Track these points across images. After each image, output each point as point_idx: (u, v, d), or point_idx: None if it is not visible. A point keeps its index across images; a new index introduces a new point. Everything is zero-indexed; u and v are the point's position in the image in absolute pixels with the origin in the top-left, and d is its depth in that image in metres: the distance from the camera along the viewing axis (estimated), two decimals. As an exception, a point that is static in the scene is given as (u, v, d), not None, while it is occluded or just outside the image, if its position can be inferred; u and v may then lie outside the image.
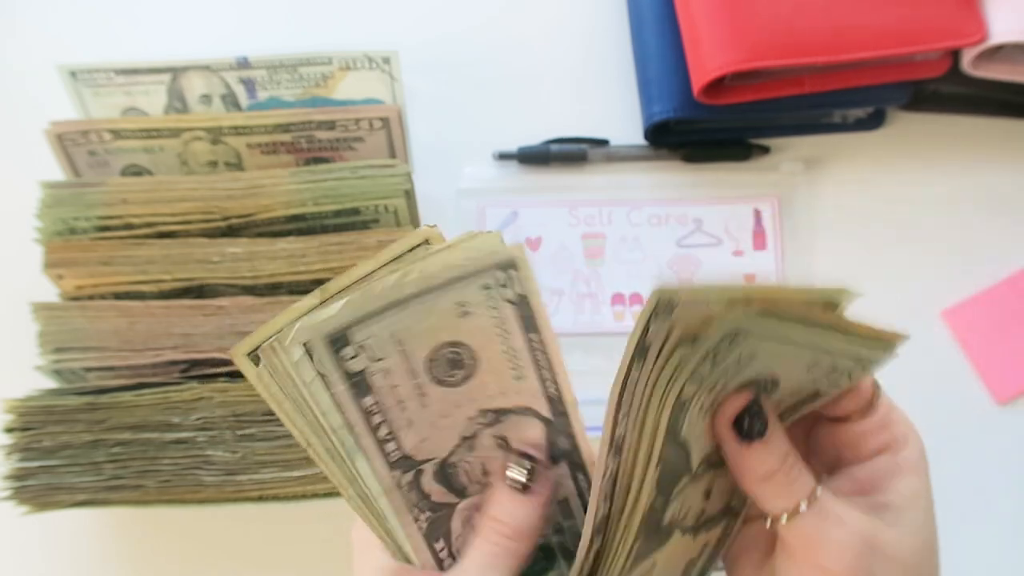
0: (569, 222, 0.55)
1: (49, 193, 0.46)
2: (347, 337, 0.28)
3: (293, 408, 0.29)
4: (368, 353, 0.29)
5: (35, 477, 0.43)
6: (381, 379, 0.29)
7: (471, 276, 0.29)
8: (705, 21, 0.51)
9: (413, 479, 0.31)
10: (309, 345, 0.28)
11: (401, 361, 0.29)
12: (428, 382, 0.30)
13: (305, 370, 0.28)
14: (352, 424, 0.29)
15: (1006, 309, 0.53)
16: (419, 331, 0.29)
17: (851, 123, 0.56)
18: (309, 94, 0.51)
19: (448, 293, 0.29)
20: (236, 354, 0.28)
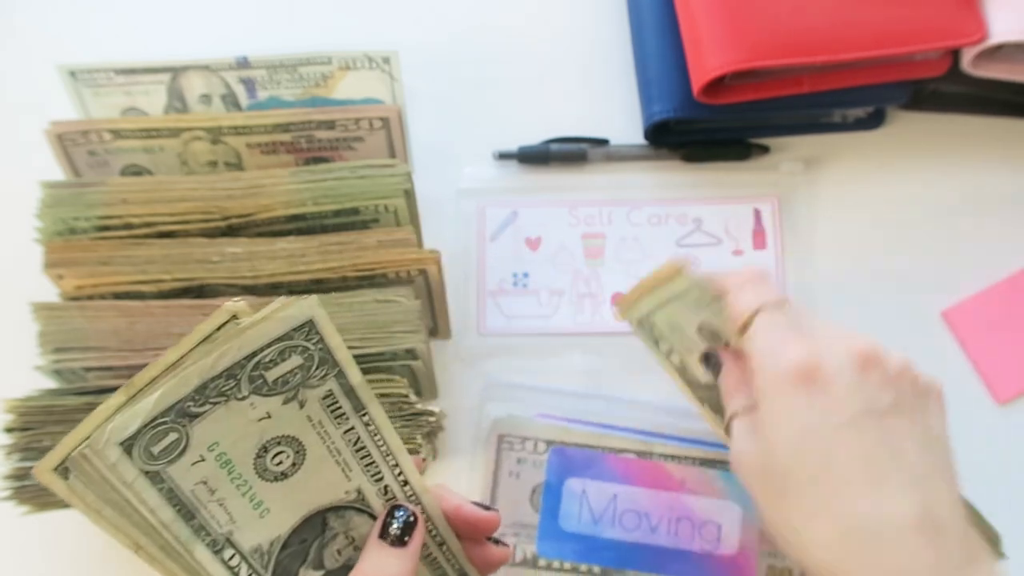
0: (569, 222, 0.55)
1: (49, 193, 0.46)
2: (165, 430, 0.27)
3: (115, 513, 0.28)
4: (189, 449, 0.28)
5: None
6: (200, 472, 0.29)
7: (277, 343, 0.28)
8: (705, 21, 0.51)
9: (262, 558, 0.31)
10: (127, 444, 0.27)
11: (218, 462, 0.29)
12: (254, 476, 0.30)
13: (126, 470, 0.27)
14: (186, 513, 0.29)
15: (1006, 309, 0.53)
16: (240, 427, 0.29)
17: (851, 123, 0.56)
18: (309, 94, 0.51)
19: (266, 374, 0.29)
20: (41, 471, 0.27)
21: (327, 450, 0.31)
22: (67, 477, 0.28)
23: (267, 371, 0.29)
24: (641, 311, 0.44)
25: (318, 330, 0.29)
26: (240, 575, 0.30)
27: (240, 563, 0.30)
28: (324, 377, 0.30)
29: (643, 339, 0.46)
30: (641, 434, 0.50)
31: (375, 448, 0.32)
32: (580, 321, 0.53)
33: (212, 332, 0.29)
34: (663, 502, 0.49)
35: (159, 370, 0.28)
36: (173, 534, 0.29)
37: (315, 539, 0.32)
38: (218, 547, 0.30)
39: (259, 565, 0.31)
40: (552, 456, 0.49)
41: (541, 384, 0.52)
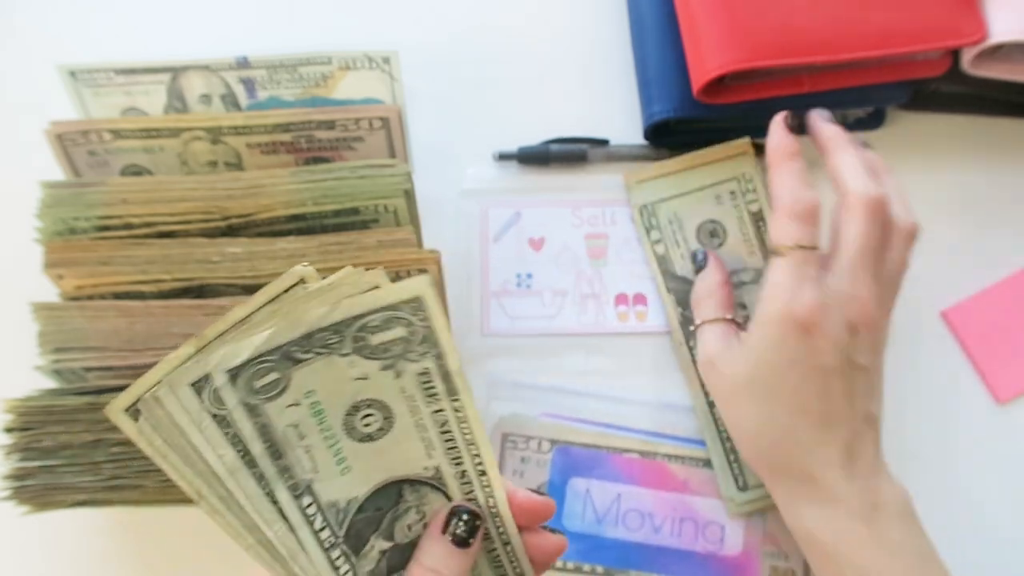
0: (572, 222, 0.55)
1: (49, 193, 0.46)
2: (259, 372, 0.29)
3: (180, 460, 0.29)
4: (281, 394, 0.29)
5: (35, 477, 0.43)
6: (293, 415, 0.29)
7: (384, 310, 0.30)
8: (705, 21, 0.51)
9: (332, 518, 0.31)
10: (234, 372, 0.28)
11: (312, 409, 0.30)
12: (342, 432, 0.31)
13: (228, 397, 0.28)
14: (274, 451, 0.29)
15: (1006, 309, 0.53)
16: (336, 381, 0.30)
17: (851, 123, 0.56)
18: (309, 94, 0.51)
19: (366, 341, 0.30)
20: (112, 411, 0.28)
21: (414, 424, 0.32)
22: (136, 419, 0.28)
23: (371, 335, 0.30)
24: (649, 197, 0.50)
25: (424, 308, 0.30)
26: (315, 524, 0.31)
27: (316, 513, 0.31)
28: (424, 355, 0.31)
29: (636, 222, 0.54)
30: (645, 434, 0.50)
31: (460, 435, 0.32)
32: (584, 321, 0.53)
33: (280, 293, 0.30)
34: (667, 502, 0.49)
35: (228, 325, 0.29)
36: (237, 481, 0.29)
37: (389, 509, 0.33)
38: (299, 492, 0.30)
39: (334, 521, 0.31)
40: (556, 455, 0.49)
41: (545, 383, 0.52)
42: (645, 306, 0.54)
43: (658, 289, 0.53)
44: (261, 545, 0.31)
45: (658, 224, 0.54)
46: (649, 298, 0.54)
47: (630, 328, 0.53)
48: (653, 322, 0.53)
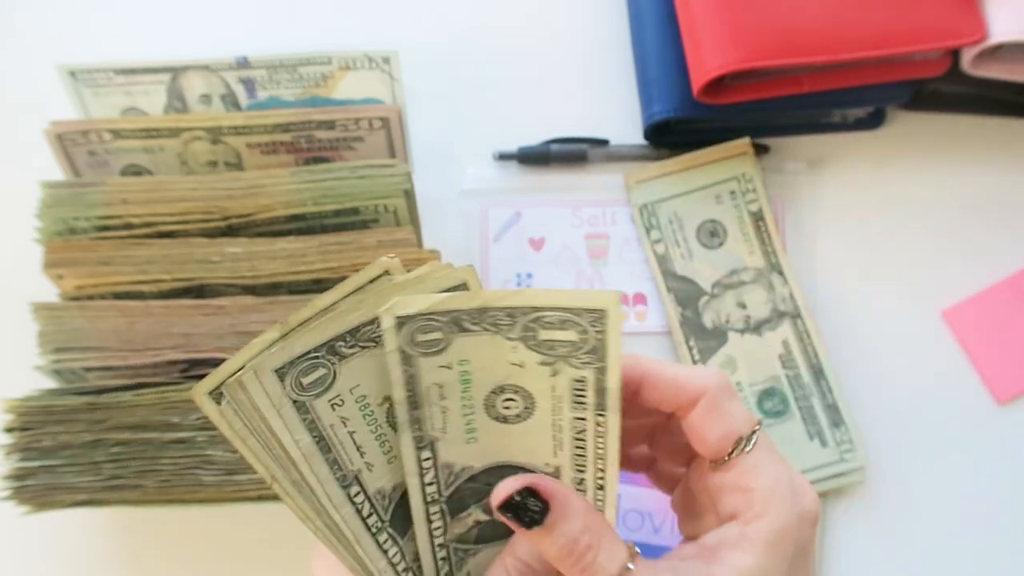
0: (572, 222, 0.55)
1: (49, 193, 0.46)
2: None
3: (258, 444, 0.29)
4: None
5: (35, 477, 0.43)
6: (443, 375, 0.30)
7: (565, 311, 0.29)
8: (705, 21, 0.51)
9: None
10: (280, 374, 0.28)
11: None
12: (480, 408, 0.31)
13: (279, 403, 0.28)
14: (400, 401, 0.30)
15: (1006, 309, 0.53)
16: (493, 359, 0.30)
17: (851, 123, 0.56)
18: (309, 94, 0.51)
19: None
20: (197, 394, 0.28)
21: (551, 423, 0.31)
22: (219, 403, 0.29)
23: (542, 329, 0.30)
24: (649, 197, 0.49)
25: (605, 322, 0.29)
26: (363, 511, 0.31)
27: (364, 501, 0.31)
28: (586, 364, 0.30)
29: (636, 222, 0.53)
30: (642, 434, 0.50)
31: (592, 447, 0.32)
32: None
33: (364, 283, 0.30)
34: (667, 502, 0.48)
35: (313, 312, 0.29)
36: (309, 464, 0.30)
37: None
38: (347, 482, 0.31)
39: (380, 507, 0.32)
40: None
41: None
42: (645, 306, 0.54)
43: (658, 289, 0.53)
44: (328, 528, 0.31)
45: (658, 224, 0.54)
46: (649, 298, 0.54)
47: (630, 328, 0.53)
48: (653, 322, 0.53)
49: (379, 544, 0.32)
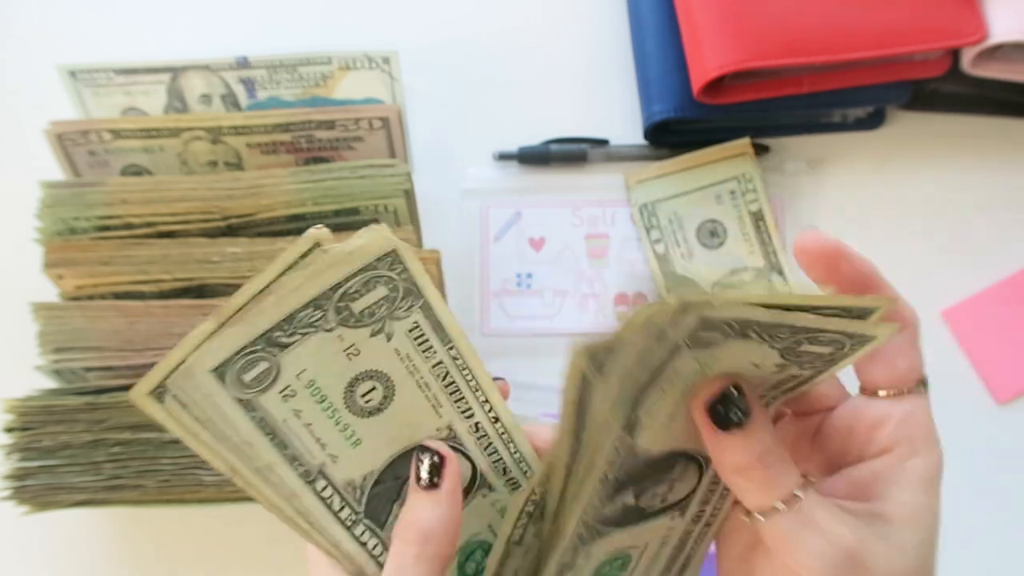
0: (572, 222, 0.55)
1: (49, 193, 0.46)
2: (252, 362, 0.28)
3: (212, 437, 0.28)
4: (278, 383, 0.28)
5: (35, 477, 0.43)
6: (292, 402, 0.29)
7: (361, 273, 0.28)
8: (705, 21, 0.51)
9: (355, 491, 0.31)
10: (219, 371, 0.27)
11: (312, 393, 0.29)
12: (345, 411, 0.30)
13: (220, 397, 0.27)
14: (279, 443, 0.29)
15: (1006, 309, 0.53)
16: (329, 359, 0.29)
17: (851, 123, 0.56)
18: (309, 94, 0.51)
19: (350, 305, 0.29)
20: (138, 395, 0.27)
21: (416, 384, 0.31)
22: (162, 401, 0.27)
23: (353, 302, 0.29)
24: (649, 196, 0.49)
25: (401, 260, 0.29)
26: (333, 506, 0.30)
27: (333, 495, 0.30)
28: (410, 308, 0.30)
29: (636, 222, 0.54)
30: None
31: (464, 383, 0.31)
32: (584, 321, 0.53)
33: (297, 259, 0.28)
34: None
35: (246, 297, 0.28)
36: (267, 462, 0.29)
37: (407, 477, 0.32)
38: (311, 478, 0.30)
39: (352, 499, 0.31)
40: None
41: (545, 383, 0.52)
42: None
43: (658, 289, 0.53)
44: (300, 515, 0.30)
45: (658, 224, 0.54)
46: (649, 298, 0.54)
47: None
48: (653, 322, 0.53)
49: (356, 537, 0.31)
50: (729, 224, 0.54)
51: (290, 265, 0.28)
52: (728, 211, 0.54)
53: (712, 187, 0.54)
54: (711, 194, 0.54)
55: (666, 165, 0.55)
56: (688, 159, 0.55)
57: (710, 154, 0.54)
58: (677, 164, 0.55)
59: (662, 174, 0.55)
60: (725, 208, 0.54)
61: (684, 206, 0.54)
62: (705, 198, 0.54)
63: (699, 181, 0.54)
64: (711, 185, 0.54)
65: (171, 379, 0.27)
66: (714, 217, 0.54)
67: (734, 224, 0.54)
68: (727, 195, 0.54)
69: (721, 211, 0.54)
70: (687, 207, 0.54)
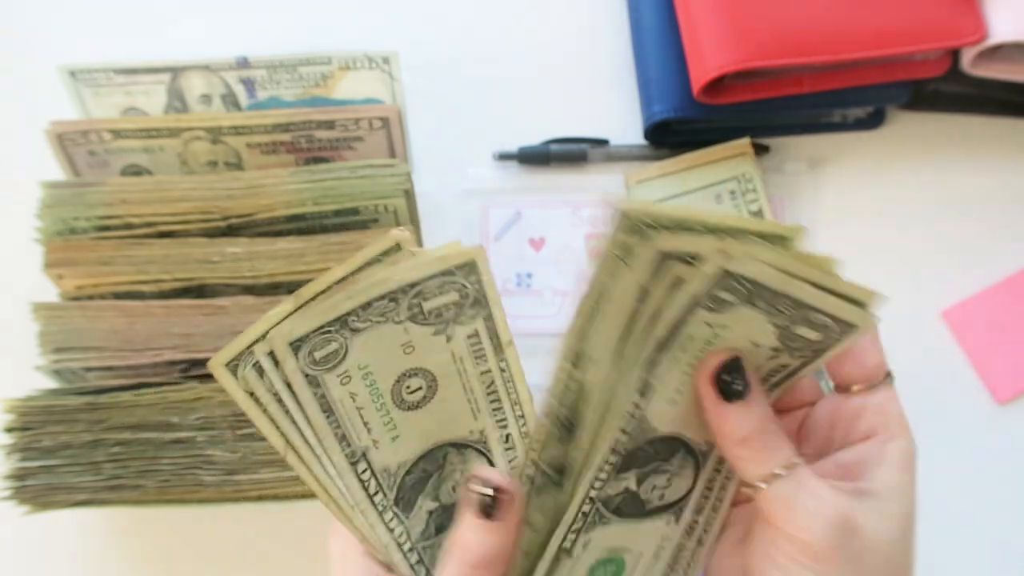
0: (572, 223, 0.55)
1: (49, 193, 0.46)
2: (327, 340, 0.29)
3: (279, 410, 0.29)
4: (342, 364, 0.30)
5: (35, 477, 0.43)
6: (351, 385, 0.30)
7: (439, 276, 0.30)
8: (705, 21, 0.51)
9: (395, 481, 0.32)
10: (296, 345, 0.29)
11: (365, 379, 0.31)
12: (390, 401, 0.31)
13: (291, 370, 0.29)
14: (333, 421, 0.30)
15: (1006, 309, 0.53)
16: (389, 350, 0.30)
17: (851, 123, 0.56)
18: (309, 94, 0.51)
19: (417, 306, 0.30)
20: (215, 365, 0.29)
21: (461, 387, 0.32)
22: (236, 373, 0.29)
23: (425, 301, 0.30)
24: (649, 196, 0.48)
25: (477, 271, 0.31)
26: (370, 490, 0.32)
27: (371, 478, 0.32)
28: (474, 317, 0.32)
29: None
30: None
31: (505, 394, 0.33)
32: (581, 321, 0.53)
33: (377, 256, 0.30)
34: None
35: (326, 284, 0.30)
36: (319, 439, 0.30)
37: (435, 471, 0.33)
38: (355, 459, 0.31)
39: (386, 486, 0.32)
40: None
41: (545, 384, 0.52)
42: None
43: None
44: (343, 497, 0.31)
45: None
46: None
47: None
48: (653, 322, 0.53)
49: (385, 523, 0.32)
50: None
51: (369, 260, 0.30)
52: (728, 211, 0.54)
53: (712, 187, 0.54)
54: (711, 194, 0.54)
55: (666, 165, 0.55)
56: (688, 159, 0.55)
57: (710, 154, 0.54)
58: (677, 164, 0.55)
59: (662, 174, 0.55)
60: (725, 208, 0.54)
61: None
62: (705, 198, 0.54)
63: (699, 181, 0.54)
64: (711, 185, 0.54)
65: (249, 352, 0.28)
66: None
67: None
68: (727, 195, 0.54)
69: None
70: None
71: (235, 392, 0.29)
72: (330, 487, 0.31)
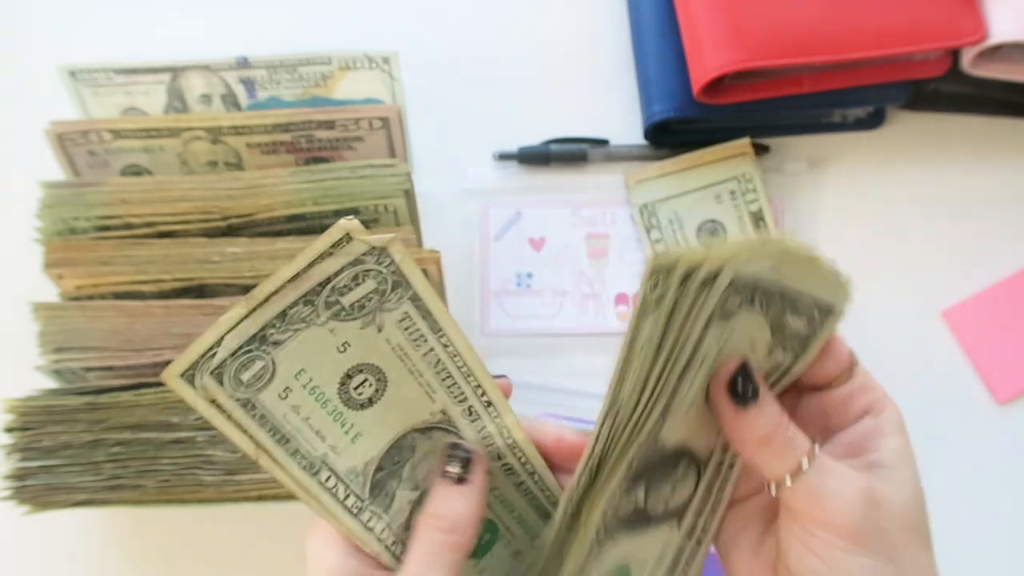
0: (572, 222, 0.55)
1: (49, 193, 0.46)
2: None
3: (243, 416, 0.29)
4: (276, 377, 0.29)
5: (35, 477, 0.43)
6: (290, 398, 0.29)
7: (349, 267, 0.29)
8: (705, 21, 0.51)
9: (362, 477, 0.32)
10: (216, 372, 0.28)
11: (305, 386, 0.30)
12: (340, 404, 0.31)
13: (221, 397, 0.28)
14: (280, 438, 0.30)
15: (1006, 309, 0.53)
16: (322, 354, 0.29)
17: (851, 123, 0.56)
18: (309, 94, 0.51)
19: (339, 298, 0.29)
20: (169, 377, 0.28)
21: (408, 372, 0.31)
22: (193, 384, 0.28)
23: (342, 296, 0.29)
24: (649, 196, 0.50)
25: (389, 254, 0.29)
26: (338, 495, 0.31)
27: (337, 484, 0.31)
28: (399, 300, 0.30)
29: (636, 222, 0.54)
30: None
31: (455, 369, 0.32)
32: (584, 321, 0.53)
33: (328, 248, 0.29)
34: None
35: (278, 283, 0.29)
36: (272, 456, 0.30)
37: (406, 460, 0.33)
38: (314, 469, 0.30)
39: (356, 486, 0.31)
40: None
41: (545, 383, 0.52)
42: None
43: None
44: (327, 492, 0.31)
45: (658, 224, 0.54)
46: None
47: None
48: (653, 322, 0.53)
49: (363, 523, 0.31)
50: (729, 224, 0.54)
51: (321, 253, 0.29)
52: (728, 211, 0.54)
53: (712, 187, 0.54)
54: (711, 194, 0.54)
55: (666, 165, 0.55)
56: (688, 159, 0.55)
57: (710, 154, 0.54)
58: (677, 164, 0.55)
59: (662, 174, 0.55)
60: (725, 208, 0.54)
61: (684, 206, 0.54)
62: (705, 198, 0.54)
63: (699, 181, 0.54)
64: (711, 185, 0.54)
65: (207, 358, 0.28)
66: (714, 217, 0.54)
67: (734, 224, 0.54)
68: (727, 195, 0.54)
69: (721, 211, 0.54)
70: (687, 207, 0.54)
71: (195, 402, 0.28)
72: (310, 486, 0.30)
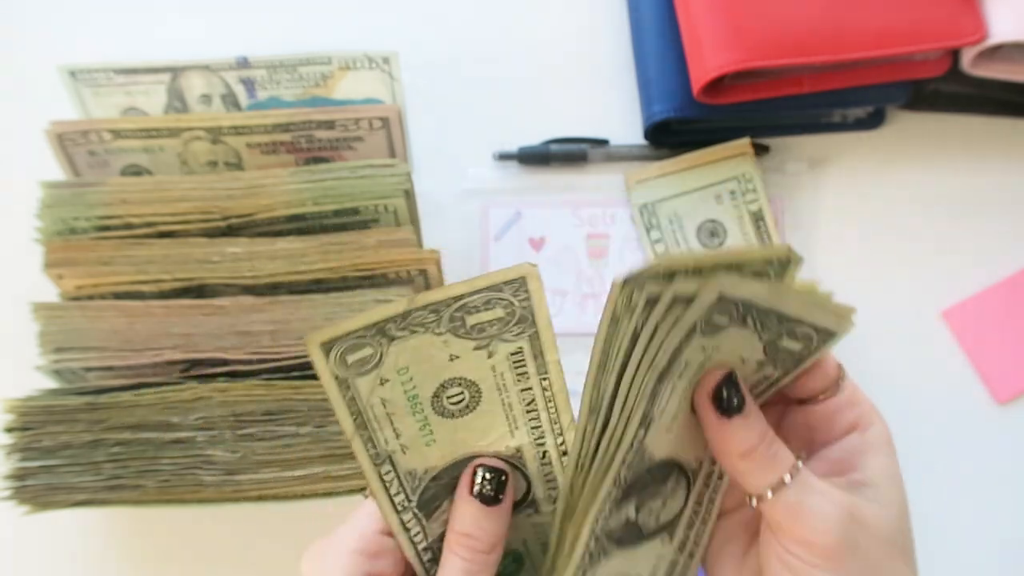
0: (572, 223, 0.55)
1: (49, 193, 0.46)
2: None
3: (336, 393, 0.30)
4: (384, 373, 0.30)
5: (35, 477, 0.43)
6: (384, 391, 0.30)
7: (486, 291, 0.30)
8: (705, 21, 0.51)
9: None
10: (326, 346, 0.29)
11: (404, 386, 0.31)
12: (430, 409, 0.31)
13: (322, 370, 0.29)
14: (360, 423, 0.30)
15: (1006, 309, 0.53)
16: (429, 359, 0.30)
17: (851, 123, 0.56)
18: (309, 94, 0.51)
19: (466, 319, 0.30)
20: (311, 342, 0.29)
21: (500, 403, 0.32)
22: (328, 356, 0.29)
23: (468, 315, 0.30)
24: (649, 196, 0.51)
25: (527, 288, 0.30)
26: (391, 489, 0.32)
27: (393, 479, 0.32)
28: (519, 335, 0.31)
29: (636, 222, 0.54)
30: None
31: (546, 413, 0.33)
32: (584, 321, 0.53)
33: (500, 283, 0.30)
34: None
35: (443, 296, 0.30)
36: (347, 436, 0.30)
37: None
38: (379, 460, 0.31)
39: (409, 487, 0.32)
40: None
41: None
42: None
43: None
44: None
45: (658, 224, 0.54)
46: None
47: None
48: (653, 322, 0.53)
49: (403, 523, 0.32)
50: (729, 224, 0.54)
51: (491, 285, 0.30)
52: (728, 211, 0.54)
53: (712, 187, 0.54)
54: (711, 194, 0.54)
55: (666, 165, 0.55)
56: (688, 159, 0.55)
57: (710, 154, 0.54)
58: (677, 164, 0.55)
59: (662, 174, 0.55)
60: (725, 208, 0.54)
61: (684, 206, 0.54)
62: (705, 198, 0.54)
63: (699, 181, 0.54)
64: (711, 185, 0.54)
65: (338, 341, 0.29)
66: (714, 217, 0.54)
67: (734, 224, 0.54)
68: (727, 195, 0.54)
69: (721, 211, 0.54)
70: (687, 207, 0.54)
71: (322, 372, 0.29)
72: (371, 474, 0.31)
